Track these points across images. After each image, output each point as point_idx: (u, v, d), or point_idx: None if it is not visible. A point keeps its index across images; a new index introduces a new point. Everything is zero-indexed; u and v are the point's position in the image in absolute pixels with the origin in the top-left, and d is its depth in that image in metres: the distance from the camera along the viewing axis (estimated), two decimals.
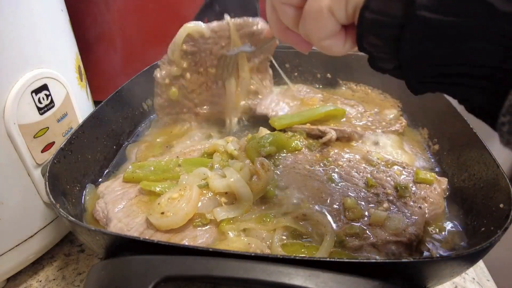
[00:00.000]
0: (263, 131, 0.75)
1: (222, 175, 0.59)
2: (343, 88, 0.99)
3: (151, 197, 0.59)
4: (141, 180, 0.61)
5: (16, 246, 0.54)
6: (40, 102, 0.52)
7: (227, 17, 0.74)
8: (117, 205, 0.58)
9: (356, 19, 0.36)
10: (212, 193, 0.57)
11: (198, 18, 0.85)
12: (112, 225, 0.54)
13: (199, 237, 0.52)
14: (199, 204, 0.54)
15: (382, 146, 0.74)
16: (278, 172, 0.65)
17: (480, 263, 0.66)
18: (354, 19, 0.37)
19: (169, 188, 0.58)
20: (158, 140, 0.80)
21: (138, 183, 0.61)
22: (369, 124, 0.80)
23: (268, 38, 0.70)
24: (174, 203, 0.52)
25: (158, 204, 0.53)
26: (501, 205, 0.49)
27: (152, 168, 0.63)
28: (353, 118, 0.81)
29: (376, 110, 0.86)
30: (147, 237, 0.52)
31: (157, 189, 0.59)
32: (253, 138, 0.69)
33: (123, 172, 0.65)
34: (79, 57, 0.68)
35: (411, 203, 0.57)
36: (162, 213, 0.51)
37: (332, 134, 0.71)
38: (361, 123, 0.80)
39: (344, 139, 0.74)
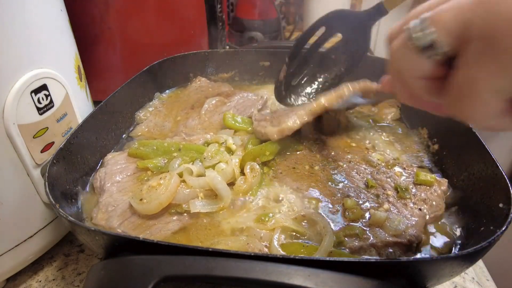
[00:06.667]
0: None
1: (201, 172, 0.61)
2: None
3: (146, 174, 0.64)
4: (143, 157, 0.66)
5: (16, 246, 0.54)
6: (39, 102, 0.52)
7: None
8: (115, 178, 0.62)
9: None
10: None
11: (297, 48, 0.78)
12: (103, 197, 0.59)
13: (171, 224, 0.55)
14: (179, 194, 0.57)
15: (377, 144, 0.74)
16: (280, 172, 0.65)
17: (480, 263, 0.66)
18: None
19: (161, 165, 0.64)
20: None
21: (142, 160, 0.65)
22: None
23: (388, 93, 0.53)
24: (153, 191, 0.55)
25: (141, 190, 0.56)
26: (501, 205, 0.49)
27: (155, 148, 0.67)
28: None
29: (374, 109, 0.86)
30: (125, 217, 0.55)
31: (150, 165, 0.63)
32: (254, 138, 0.69)
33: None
34: (79, 57, 0.68)
35: (411, 205, 0.57)
36: (141, 199, 0.54)
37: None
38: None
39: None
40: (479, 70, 0.27)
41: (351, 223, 0.54)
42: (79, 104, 0.63)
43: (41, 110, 0.53)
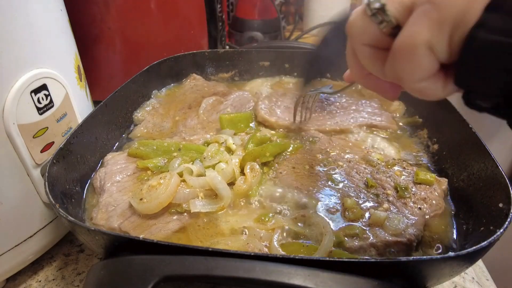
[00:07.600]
0: (264, 131, 0.75)
1: (201, 172, 0.60)
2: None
3: (146, 174, 0.64)
4: (143, 157, 0.66)
5: (16, 246, 0.54)
6: (39, 102, 0.52)
7: None
8: (115, 178, 0.62)
9: (459, 50, 0.31)
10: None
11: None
12: (103, 197, 0.59)
13: (171, 224, 0.54)
14: (179, 193, 0.57)
15: (377, 144, 0.75)
16: (280, 172, 0.65)
17: (480, 263, 0.66)
18: (456, 56, 0.32)
19: (161, 165, 0.64)
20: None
21: (142, 159, 0.66)
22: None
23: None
24: (153, 191, 0.55)
25: (141, 190, 0.56)
26: (500, 205, 0.49)
27: (155, 147, 0.67)
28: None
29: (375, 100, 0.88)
30: (125, 217, 0.55)
31: (150, 165, 0.64)
32: (254, 137, 0.69)
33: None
34: (79, 57, 0.68)
35: (411, 204, 0.57)
36: (141, 199, 0.54)
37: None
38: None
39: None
40: (420, 25, 0.31)
41: (351, 223, 0.54)
42: (79, 104, 0.63)
43: (41, 110, 0.53)
